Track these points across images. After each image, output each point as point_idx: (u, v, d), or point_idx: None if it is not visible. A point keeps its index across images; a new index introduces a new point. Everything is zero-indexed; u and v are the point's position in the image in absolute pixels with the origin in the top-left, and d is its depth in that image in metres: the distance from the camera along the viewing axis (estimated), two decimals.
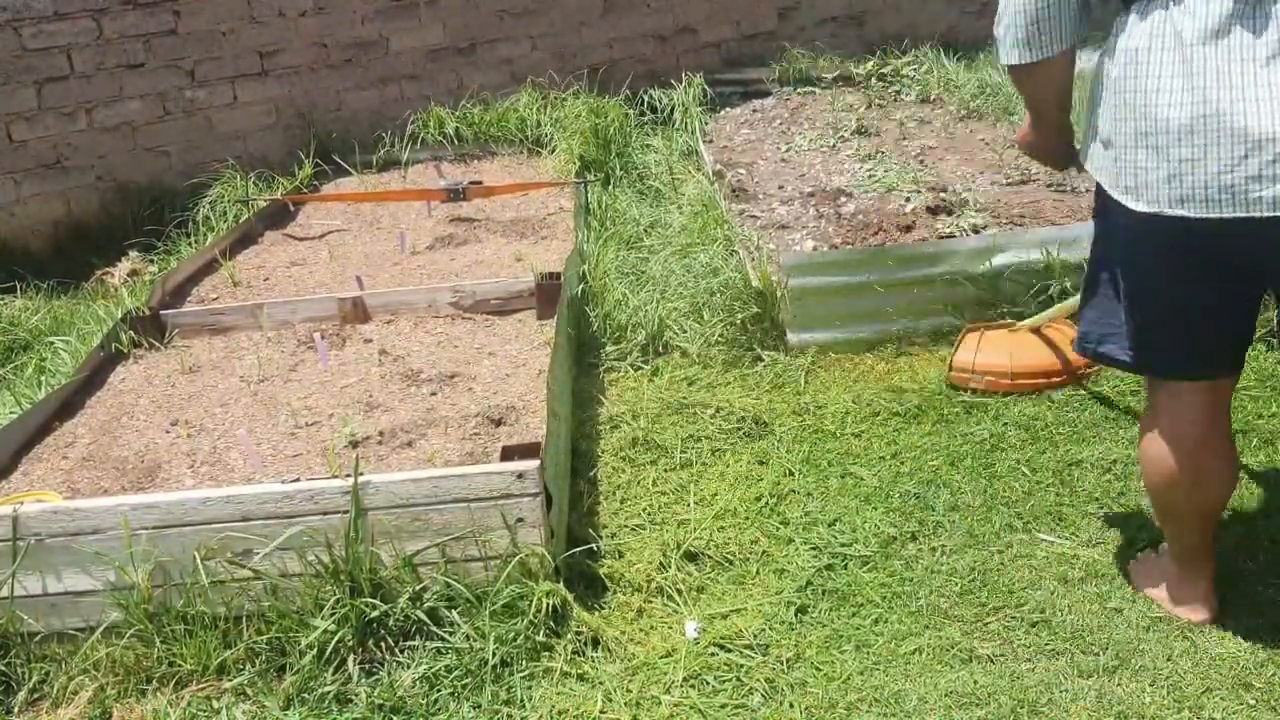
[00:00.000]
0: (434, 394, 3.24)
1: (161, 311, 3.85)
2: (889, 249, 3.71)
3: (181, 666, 2.33)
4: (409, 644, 2.34)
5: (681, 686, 2.24)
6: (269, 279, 4.43)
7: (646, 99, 6.43)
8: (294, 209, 5.33)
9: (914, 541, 2.67)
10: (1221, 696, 2.11)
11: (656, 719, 2.18)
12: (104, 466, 2.98)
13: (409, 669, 2.29)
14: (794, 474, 3.00)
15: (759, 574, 2.60)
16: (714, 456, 3.10)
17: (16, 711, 2.31)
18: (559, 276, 3.67)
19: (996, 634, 2.33)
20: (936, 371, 3.44)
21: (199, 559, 2.35)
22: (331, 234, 5.00)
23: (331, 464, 2.78)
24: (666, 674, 2.28)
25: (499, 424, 3.02)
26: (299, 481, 2.43)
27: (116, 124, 5.64)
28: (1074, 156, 2.28)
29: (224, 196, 5.37)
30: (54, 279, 4.98)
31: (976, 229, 3.99)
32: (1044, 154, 2.38)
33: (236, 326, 3.83)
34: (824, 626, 2.40)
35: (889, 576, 2.55)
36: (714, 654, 2.32)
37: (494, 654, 2.28)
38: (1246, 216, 1.83)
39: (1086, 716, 2.08)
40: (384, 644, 2.34)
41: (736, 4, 7.01)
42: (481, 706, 2.22)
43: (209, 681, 2.31)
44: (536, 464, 2.36)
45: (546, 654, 2.32)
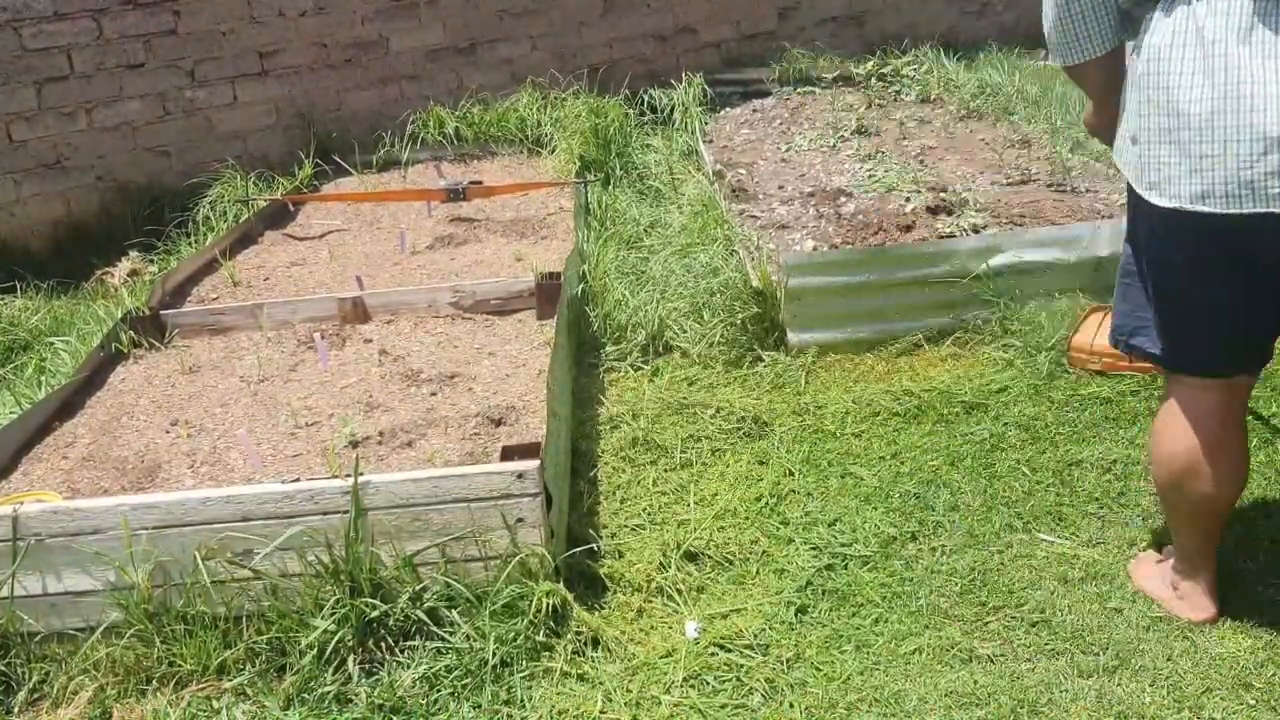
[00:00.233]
0: (434, 394, 3.24)
1: (161, 311, 3.85)
2: (889, 249, 3.71)
3: (181, 666, 2.33)
4: (409, 644, 2.34)
5: (681, 686, 2.24)
6: (269, 279, 4.42)
7: (646, 99, 6.43)
8: (294, 209, 5.33)
9: (914, 541, 2.67)
10: (1222, 696, 2.11)
11: (656, 719, 2.18)
12: (104, 466, 2.98)
13: (409, 669, 2.29)
14: (794, 474, 3.00)
15: (759, 574, 2.60)
16: (714, 456, 3.10)
17: (17, 711, 2.31)
18: (559, 276, 3.67)
19: (996, 634, 2.33)
20: (937, 371, 3.44)
21: (199, 559, 2.35)
22: (331, 234, 5.00)
23: (331, 464, 2.78)
24: (666, 674, 2.28)
25: (499, 424, 3.02)
26: (299, 481, 2.43)
27: (116, 124, 5.64)
28: None
29: (224, 196, 5.37)
30: (54, 279, 4.99)
31: (976, 229, 3.99)
32: (1106, 136, 2.37)
33: (236, 326, 3.83)
34: (824, 626, 2.40)
35: (889, 576, 2.55)
36: (714, 654, 2.32)
37: (494, 654, 2.28)
38: (1267, 212, 1.84)
39: (1086, 717, 2.08)
40: (384, 644, 2.34)
41: (736, 4, 7.01)
42: (481, 706, 2.22)
43: (209, 681, 2.31)
44: (536, 464, 2.36)
45: (546, 654, 2.32)
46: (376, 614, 2.34)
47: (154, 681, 2.33)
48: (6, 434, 3.05)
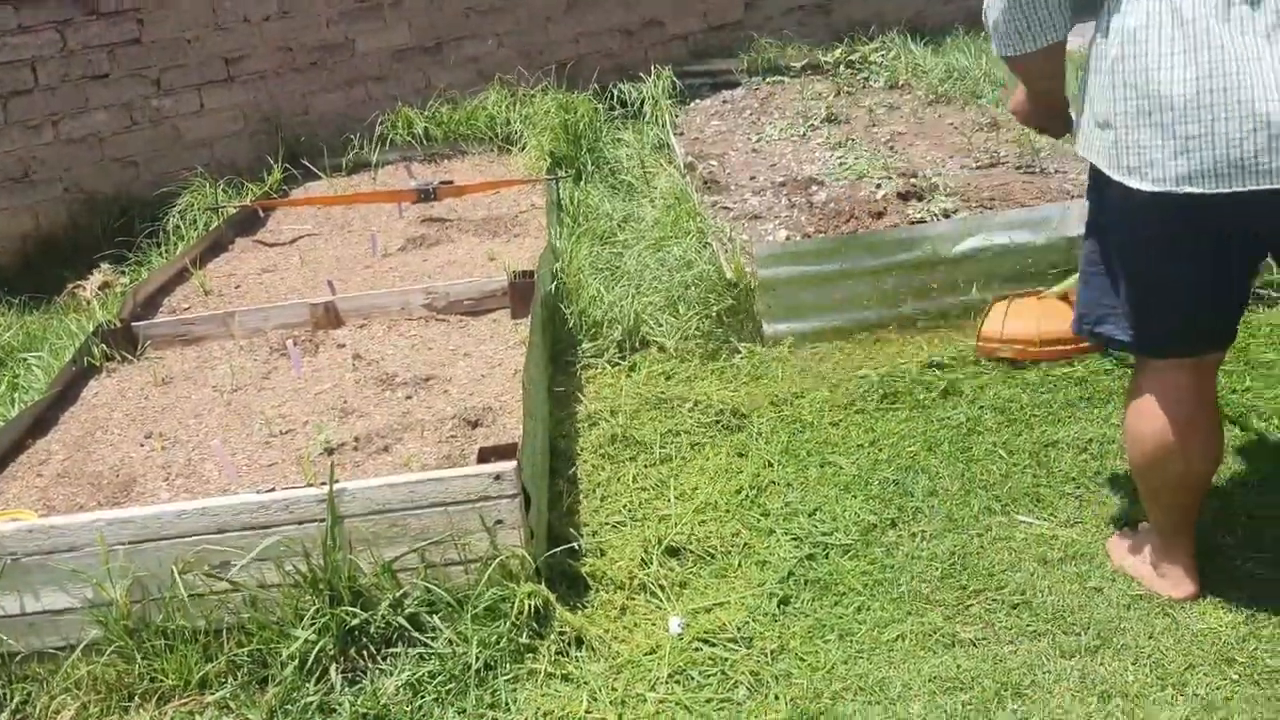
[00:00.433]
0: (409, 397, 3.22)
1: (133, 324, 3.82)
2: (861, 236, 3.72)
3: (163, 682, 2.32)
4: (391, 651, 2.33)
5: (666, 683, 2.24)
6: (240, 286, 4.40)
7: (616, 93, 6.42)
8: (264, 215, 5.30)
9: (894, 528, 2.68)
10: (1205, 672, 2.12)
11: (642, 716, 2.18)
12: (79, 482, 2.96)
13: (392, 676, 2.28)
14: (773, 465, 3.00)
15: (741, 567, 2.60)
16: (693, 450, 3.10)
17: None
18: (532, 275, 3.66)
19: (978, 617, 2.34)
20: (913, 357, 3.44)
21: (176, 573, 2.33)
22: (302, 239, 4.97)
23: (307, 472, 2.77)
24: (651, 671, 2.27)
25: (476, 425, 3.01)
26: (274, 491, 2.42)
27: (83, 135, 5.59)
28: (1069, 124, 2.31)
29: (193, 205, 5.34)
30: (25, 294, 4.94)
31: (947, 213, 4.01)
32: (1041, 124, 2.41)
33: (208, 336, 3.81)
34: (807, 617, 2.41)
35: (870, 564, 2.55)
36: (698, 649, 2.32)
37: (477, 658, 2.28)
38: (1257, 189, 1.85)
39: (1070, 697, 2.09)
40: (366, 652, 2.33)
41: None
42: (466, 711, 2.21)
43: (191, 696, 2.30)
44: (514, 465, 2.35)
45: (530, 656, 2.32)
46: (357, 622, 2.33)
47: (136, 698, 2.31)
48: None
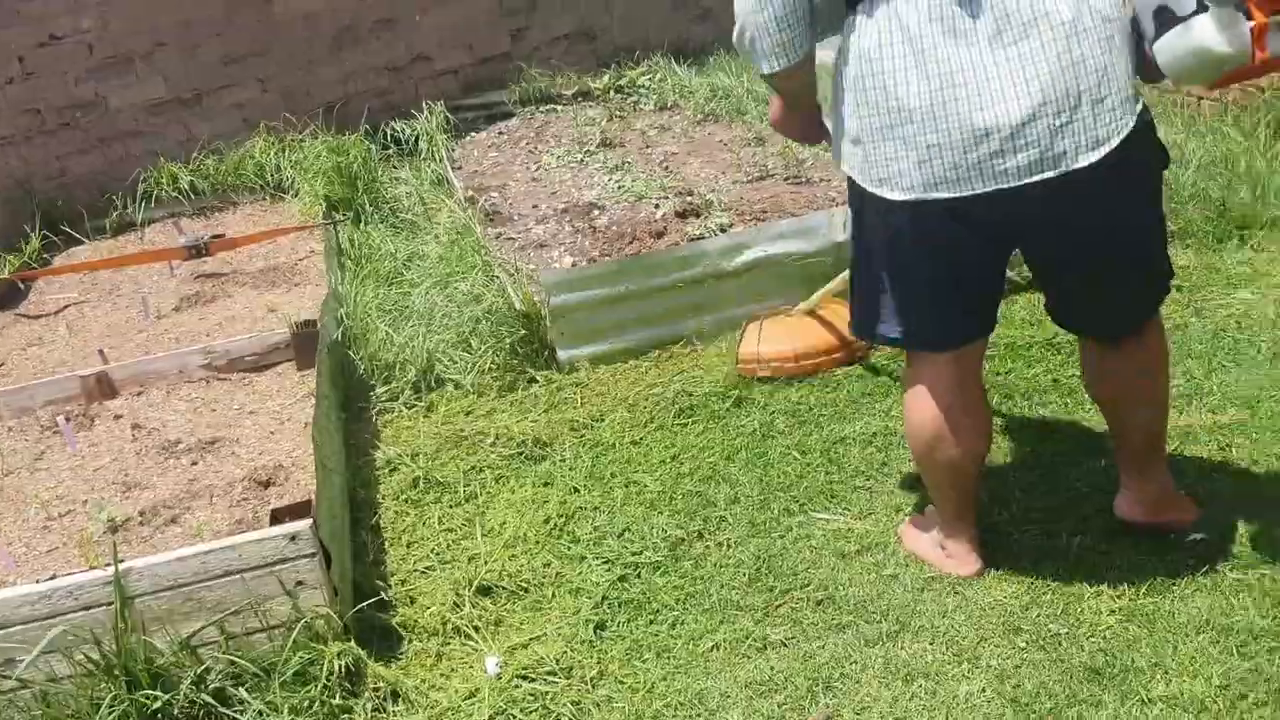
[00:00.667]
0: (195, 463, 3.08)
1: None
2: (644, 257, 3.79)
3: None
4: None
5: None
6: (3, 364, 4.12)
7: (389, 132, 6.32)
8: (24, 286, 4.97)
9: (700, 540, 2.73)
10: (995, 644, 2.25)
11: None
12: None
13: None
14: (579, 490, 3.01)
15: (555, 597, 2.60)
16: (498, 485, 3.08)
17: None
18: (315, 323, 3.56)
19: (786, 618, 2.41)
20: (706, 370, 3.53)
21: None
22: (68, 308, 4.69)
23: (89, 555, 2.60)
24: (471, 716, 2.24)
25: (268, 485, 2.90)
26: (55, 578, 2.27)
27: None
28: (824, 132, 2.45)
29: None
30: None
31: (724, 228, 4.13)
32: (797, 133, 2.55)
33: None
34: (624, 639, 2.42)
35: (681, 578, 2.60)
36: (518, 686, 2.30)
37: None
38: (997, 189, 1.98)
39: (877, 683, 2.18)
40: None
41: (467, 28, 6.98)
42: None
43: None
44: (309, 523, 2.28)
45: (346, 716, 2.25)
46: (159, 705, 2.21)
47: None
48: None
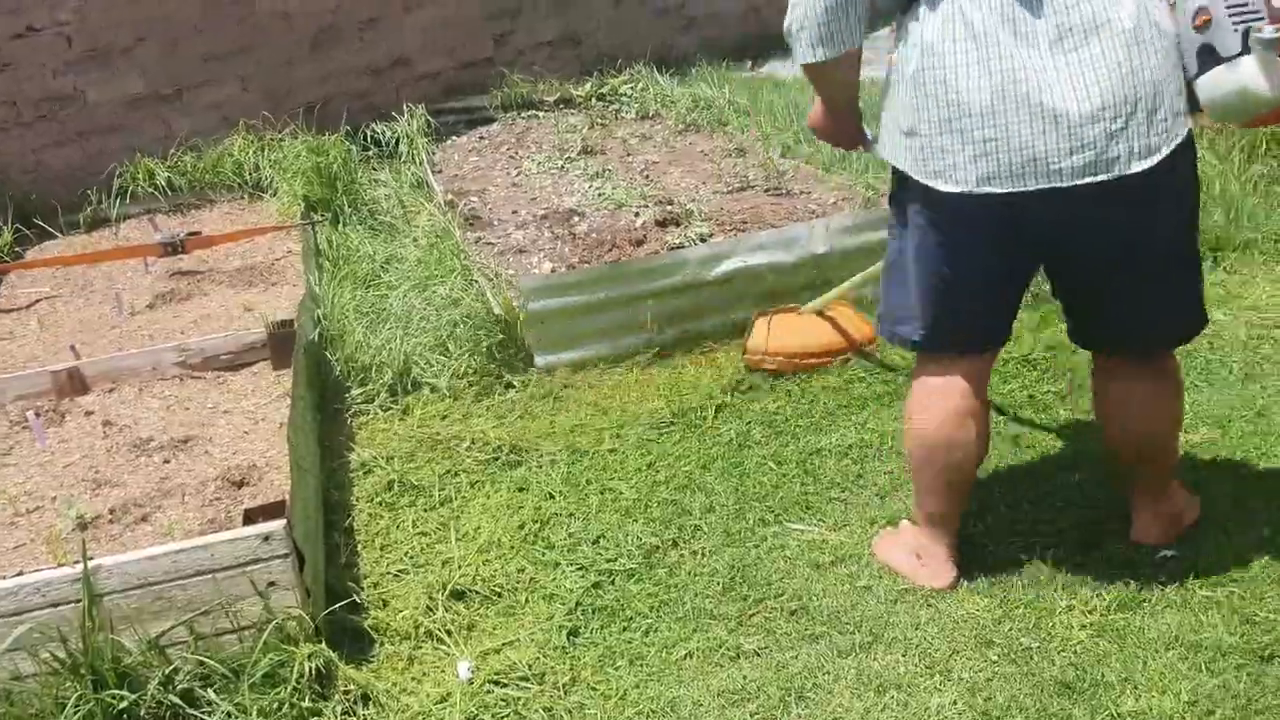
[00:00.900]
0: (167, 461, 3.05)
1: None
2: (623, 264, 3.79)
3: None
4: None
5: None
6: None
7: (369, 134, 6.31)
8: None
9: (675, 548, 2.73)
10: (968, 656, 2.26)
11: None
12: None
13: None
14: (554, 496, 3.00)
15: (528, 603, 2.59)
16: (473, 489, 3.07)
17: None
18: (292, 323, 3.54)
19: (760, 627, 2.41)
20: (683, 378, 3.53)
21: None
22: (40, 302, 4.64)
23: (57, 551, 2.57)
24: None
25: (241, 485, 2.88)
26: (21, 575, 2.25)
27: None
28: (861, 137, 2.43)
29: None
30: None
31: (704, 238, 4.14)
32: (836, 136, 2.50)
33: None
34: (597, 646, 2.42)
35: (655, 586, 2.59)
36: (489, 691, 2.30)
37: None
38: (1050, 188, 2.01)
39: (850, 694, 2.19)
40: None
41: (450, 32, 6.98)
42: None
43: None
44: (282, 524, 2.27)
45: (315, 719, 2.23)
46: (125, 705, 2.18)
47: None
48: None
